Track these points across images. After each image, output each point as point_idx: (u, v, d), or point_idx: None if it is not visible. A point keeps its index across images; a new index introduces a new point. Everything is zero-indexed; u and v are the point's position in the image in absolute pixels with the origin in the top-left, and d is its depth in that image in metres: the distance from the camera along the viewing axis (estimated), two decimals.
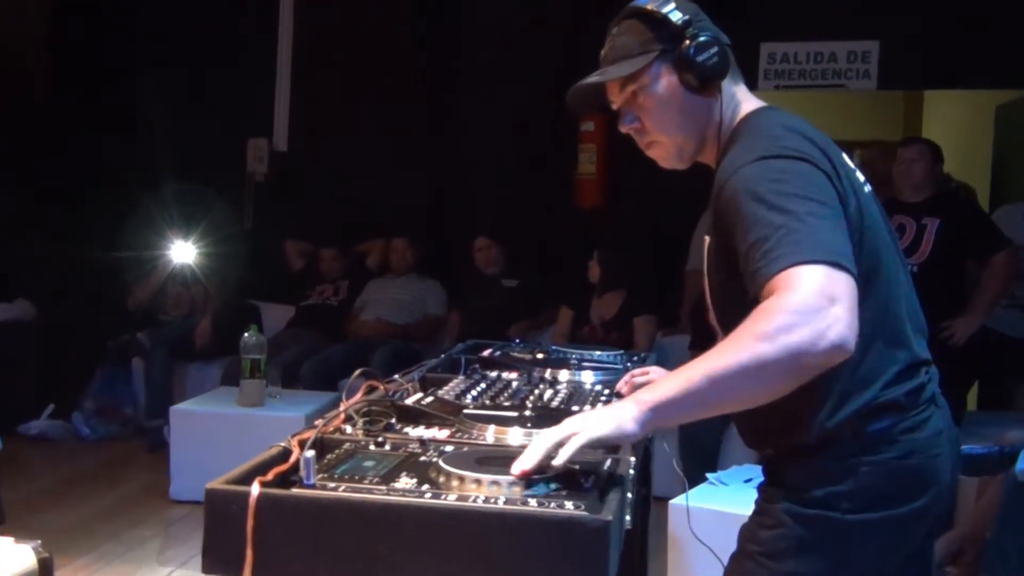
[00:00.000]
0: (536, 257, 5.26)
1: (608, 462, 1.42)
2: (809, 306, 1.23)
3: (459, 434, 1.60)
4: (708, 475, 3.01)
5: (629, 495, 1.43)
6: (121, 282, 5.31)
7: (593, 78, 1.58)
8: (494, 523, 1.18)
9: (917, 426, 1.48)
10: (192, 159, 5.37)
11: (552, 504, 1.22)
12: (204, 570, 1.20)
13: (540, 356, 2.33)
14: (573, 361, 2.29)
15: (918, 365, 1.51)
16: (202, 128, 5.49)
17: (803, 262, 1.26)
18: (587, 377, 2.11)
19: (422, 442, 1.50)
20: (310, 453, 1.25)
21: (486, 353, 2.31)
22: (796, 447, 1.50)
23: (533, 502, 1.22)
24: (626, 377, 1.94)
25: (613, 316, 4.64)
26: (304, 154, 5.79)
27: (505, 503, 1.22)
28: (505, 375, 2.15)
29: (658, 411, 1.28)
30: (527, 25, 5.28)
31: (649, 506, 2.10)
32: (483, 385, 1.95)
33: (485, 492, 1.26)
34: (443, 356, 2.26)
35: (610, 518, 1.17)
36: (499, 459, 1.38)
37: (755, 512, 1.56)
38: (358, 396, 1.73)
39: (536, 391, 1.94)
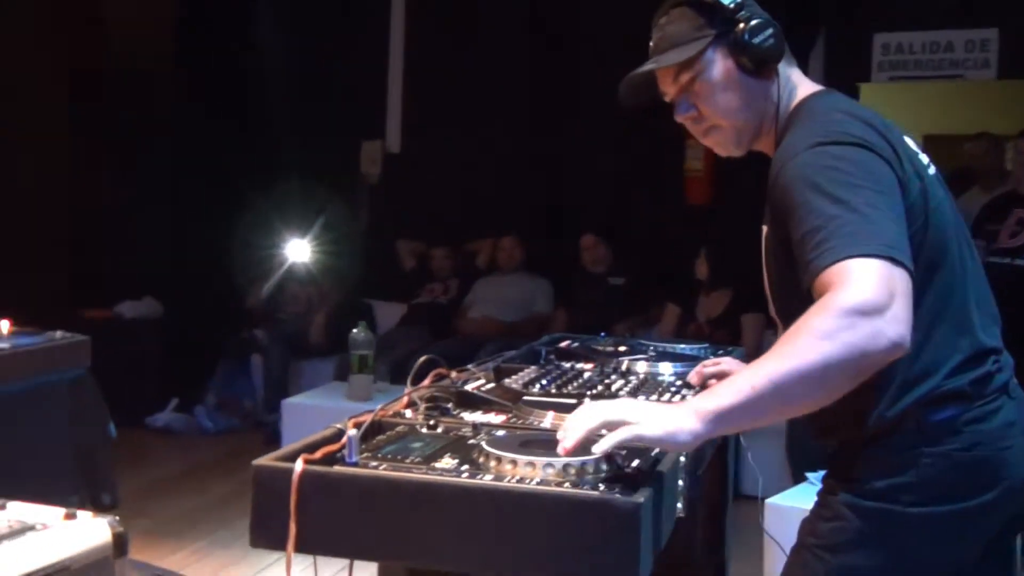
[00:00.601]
0: (643, 255, 5.24)
1: (656, 449, 1.43)
2: (869, 303, 1.21)
3: (515, 420, 1.63)
4: (808, 474, 2.96)
5: (680, 483, 1.45)
6: (241, 281, 5.56)
7: (647, 67, 1.58)
8: (526, 503, 1.21)
9: (984, 417, 1.44)
10: (307, 160, 5.58)
11: (586, 486, 1.24)
12: (252, 544, 1.27)
13: (621, 348, 2.32)
14: (652, 353, 2.28)
15: (985, 353, 1.47)
16: (317, 130, 5.69)
17: (858, 255, 1.24)
18: (664, 368, 2.10)
19: (474, 426, 1.54)
20: (354, 432, 1.31)
21: (564, 344, 2.32)
22: (858, 439, 1.48)
23: (568, 484, 1.24)
24: (697, 368, 1.93)
25: (720, 314, 4.59)
26: (416, 154, 5.94)
27: (539, 484, 1.24)
28: (580, 365, 2.15)
29: (719, 420, 1.26)
30: (640, 19, 5.25)
31: (728, 500, 2.08)
32: (554, 374, 1.95)
33: (522, 473, 1.29)
34: (524, 348, 2.28)
35: (641, 501, 1.18)
36: (544, 443, 1.40)
37: (816, 505, 1.54)
38: (426, 382, 1.78)
39: (607, 381, 1.93)
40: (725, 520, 2.05)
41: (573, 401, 1.69)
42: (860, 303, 1.21)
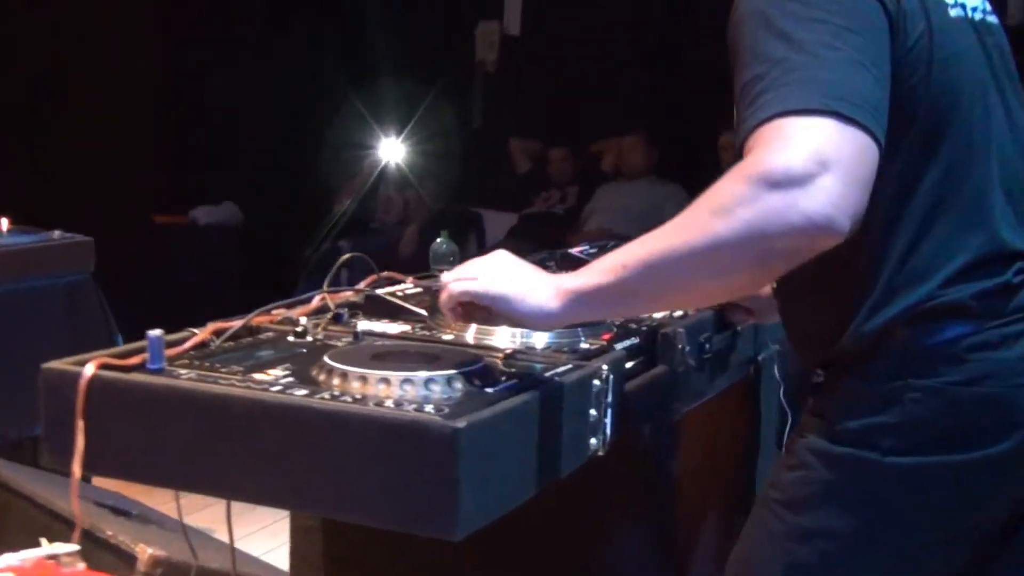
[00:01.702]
0: None
1: (565, 368, 1.36)
2: (782, 171, 1.11)
3: (424, 331, 1.56)
4: None
5: (593, 412, 1.38)
6: (329, 185, 5.66)
7: None
8: (328, 422, 1.16)
9: (998, 342, 1.28)
10: (410, 45, 5.56)
11: (410, 406, 1.16)
12: (42, 462, 1.26)
13: None
14: None
15: (1006, 258, 1.29)
16: (422, 12, 5.65)
17: (794, 111, 1.14)
18: None
19: (356, 335, 1.48)
20: (156, 332, 1.27)
21: (576, 250, 2.22)
22: (835, 364, 1.35)
23: (389, 402, 1.17)
24: None
25: None
26: (539, 39, 5.80)
27: (353, 402, 1.17)
28: None
29: (581, 303, 1.22)
30: None
31: (757, 450, 1.94)
32: None
33: (356, 389, 1.23)
34: (538, 254, 2.22)
35: (460, 426, 1.10)
36: (403, 355, 1.36)
37: (784, 450, 1.41)
38: (361, 285, 1.76)
39: None
40: (755, 474, 1.92)
41: None
42: (771, 170, 1.10)
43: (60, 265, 2.91)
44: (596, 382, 1.39)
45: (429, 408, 1.17)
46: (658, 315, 1.72)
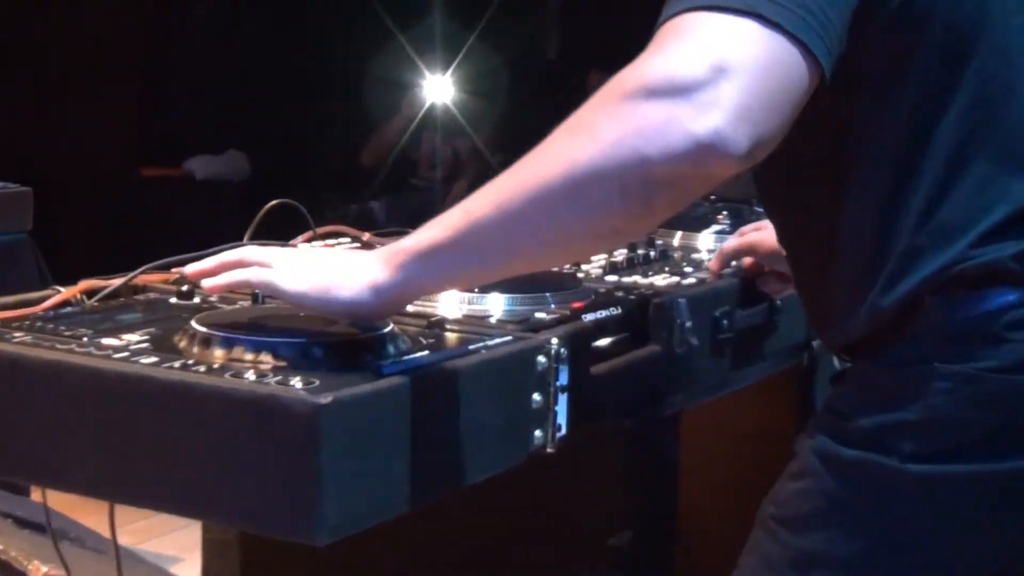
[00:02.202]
0: None
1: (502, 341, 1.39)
2: (671, 77, 1.11)
3: None
4: None
5: (537, 396, 1.39)
6: (358, 132, 5.72)
7: None
8: (170, 396, 1.19)
9: None
10: None
11: (274, 378, 1.18)
12: None
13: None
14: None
15: None
16: None
17: (709, 7, 1.15)
18: (704, 241, 2.12)
19: (255, 298, 1.51)
20: None
21: None
22: (854, 348, 1.36)
23: (250, 374, 1.19)
24: (736, 233, 1.89)
25: None
26: None
27: (206, 372, 1.20)
28: None
29: (415, 267, 1.22)
30: None
31: None
32: None
33: (217, 358, 1.27)
34: None
35: (324, 402, 1.12)
36: (291, 320, 1.38)
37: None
38: (298, 239, 1.81)
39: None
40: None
41: None
42: (650, 75, 1.11)
43: None
44: (541, 359, 1.39)
45: (295, 381, 1.18)
46: (661, 282, 1.72)
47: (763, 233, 1.79)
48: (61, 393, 1.24)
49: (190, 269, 1.34)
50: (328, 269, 1.25)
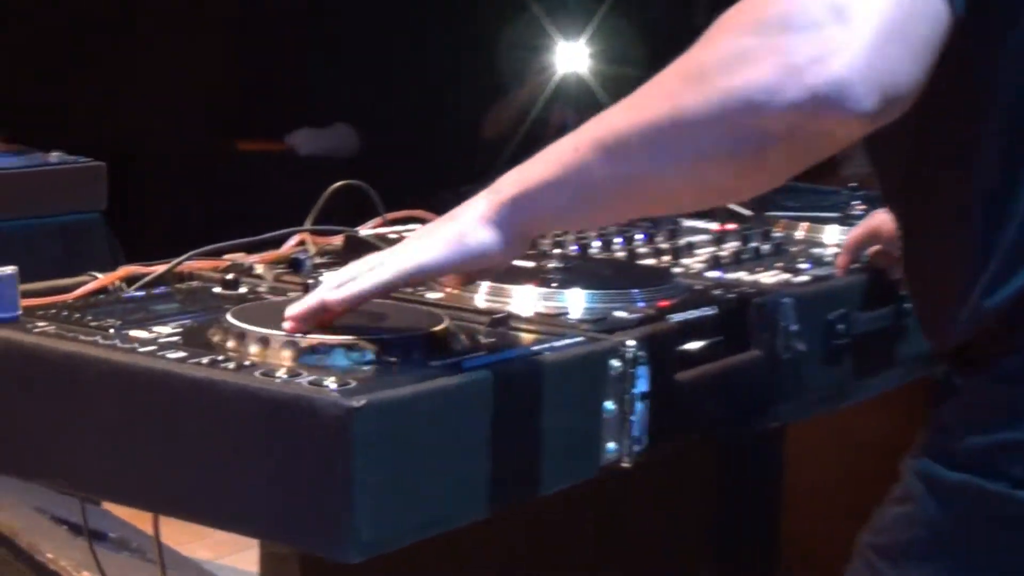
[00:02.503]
0: None
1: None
2: (786, 18, 1.12)
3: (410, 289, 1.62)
4: None
5: (610, 405, 1.40)
6: (480, 104, 5.75)
7: None
8: (193, 395, 1.24)
9: None
10: None
11: (309, 377, 1.22)
12: None
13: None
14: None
15: None
16: None
17: None
18: (831, 235, 2.10)
19: (306, 287, 1.56)
20: (7, 271, 1.38)
21: None
22: (960, 355, 1.34)
23: (282, 372, 1.23)
24: (856, 228, 1.90)
25: None
26: None
27: (235, 370, 1.25)
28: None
29: (525, 204, 1.27)
30: None
31: None
32: (640, 231, 2.06)
33: (252, 355, 1.31)
34: None
35: (358, 404, 1.14)
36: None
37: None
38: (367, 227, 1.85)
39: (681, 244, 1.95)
40: None
41: (530, 265, 1.68)
42: (763, 17, 1.12)
43: (57, 199, 3.09)
44: (615, 363, 1.40)
45: (329, 381, 1.21)
46: (767, 279, 1.72)
47: (888, 215, 1.77)
48: (78, 389, 1.29)
49: (291, 315, 1.34)
50: (446, 225, 1.32)
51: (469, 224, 1.30)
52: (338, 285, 1.35)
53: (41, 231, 3.10)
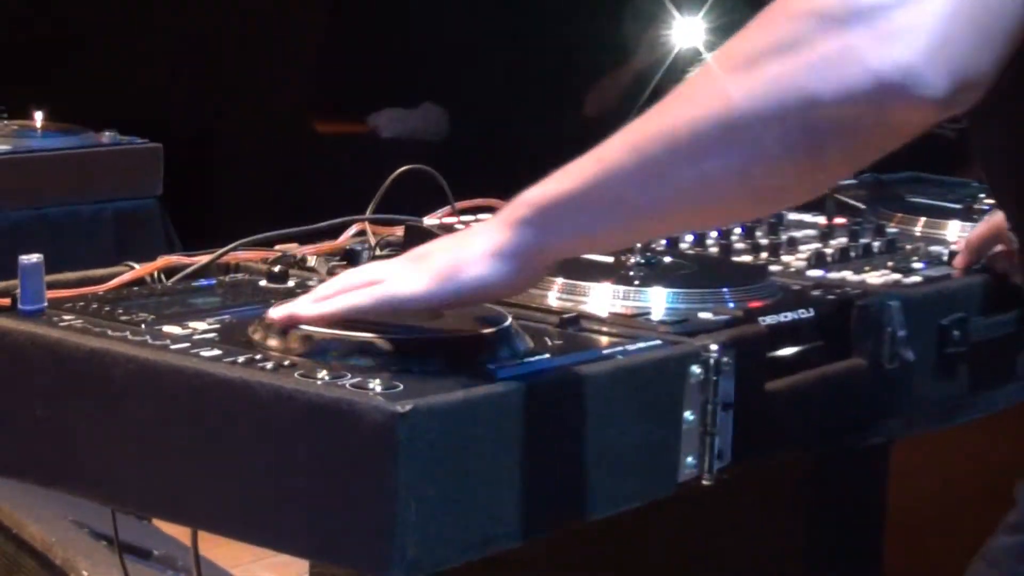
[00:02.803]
0: None
1: None
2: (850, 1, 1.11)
3: None
4: None
5: (689, 414, 1.40)
6: (582, 82, 5.74)
7: None
8: (226, 396, 1.24)
9: None
10: None
11: (354, 379, 1.23)
12: None
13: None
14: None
15: None
16: None
17: None
18: (952, 230, 2.09)
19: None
20: (31, 259, 1.40)
21: None
22: None
23: (324, 374, 1.24)
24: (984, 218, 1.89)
25: None
26: None
27: (273, 370, 1.26)
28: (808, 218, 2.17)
29: (543, 220, 1.25)
30: None
31: None
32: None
33: (293, 353, 1.32)
34: None
35: (404, 410, 1.15)
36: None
37: None
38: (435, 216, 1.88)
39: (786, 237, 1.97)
40: None
41: (608, 260, 1.68)
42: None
43: (110, 183, 3.13)
44: (696, 369, 1.40)
45: (375, 384, 1.22)
46: (875, 279, 1.71)
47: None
48: (103, 389, 1.30)
49: (275, 314, 1.37)
50: (444, 251, 1.30)
51: (469, 255, 1.28)
52: (317, 299, 1.35)
53: (91, 218, 3.15)
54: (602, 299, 1.57)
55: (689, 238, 1.94)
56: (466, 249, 1.28)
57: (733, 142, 1.14)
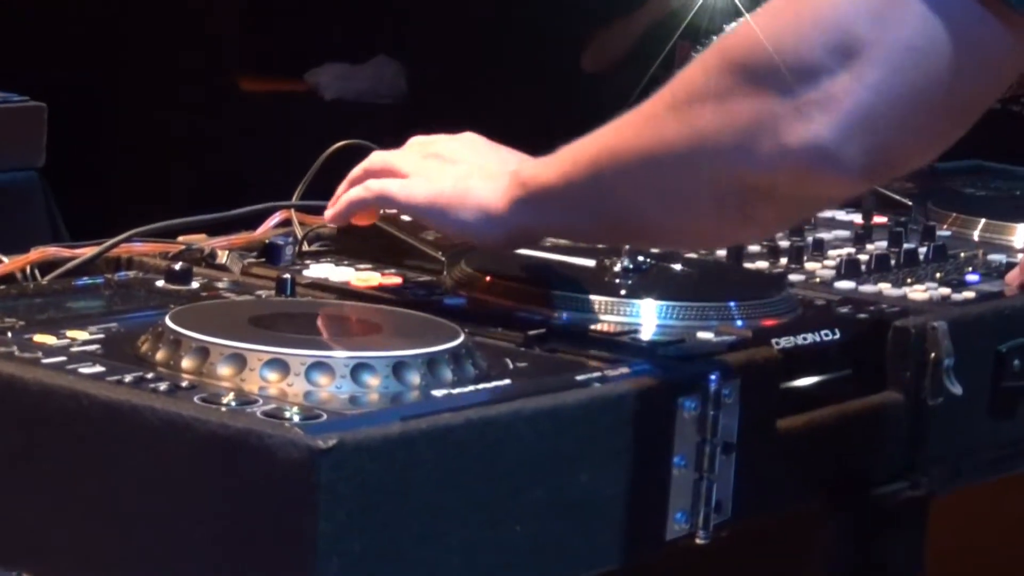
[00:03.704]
0: None
1: None
2: (782, 59, 1.24)
3: (421, 289, 1.67)
4: None
5: (679, 461, 1.42)
6: (570, 33, 5.76)
7: None
8: (114, 421, 1.26)
9: None
10: None
11: (266, 406, 1.25)
12: None
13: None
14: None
15: None
16: None
17: None
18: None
19: (280, 282, 1.58)
20: None
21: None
22: None
23: (230, 399, 1.26)
24: None
25: None
26: None
27: (164, 392, 1.27)
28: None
29: (532, 201, 1.49)
30: None
31: None
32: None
33: (188, 370, 1.34)
34: None
35: (325, 446, 1.17)
36: (322, 322, 1.47)
37: None
38: None
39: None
40: None
41: (582, 262, 1.71)
42: (759, 52, 1.24)
43: None
44: (689, 403, 1.42)
45: (292, 412, 1.24)
46: (917, 294, 1.73)
47: None
48: None
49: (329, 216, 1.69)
50: (457, 178, 1.55)
51: (469, 199, 1.53)
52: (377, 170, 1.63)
53: None
54: (580, 311, 1.58)
55: None
56: (472, 190, 1.53)
57: (663, 179, 1.36)
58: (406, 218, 1.79)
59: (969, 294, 1.77)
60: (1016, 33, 1.20)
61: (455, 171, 1.55)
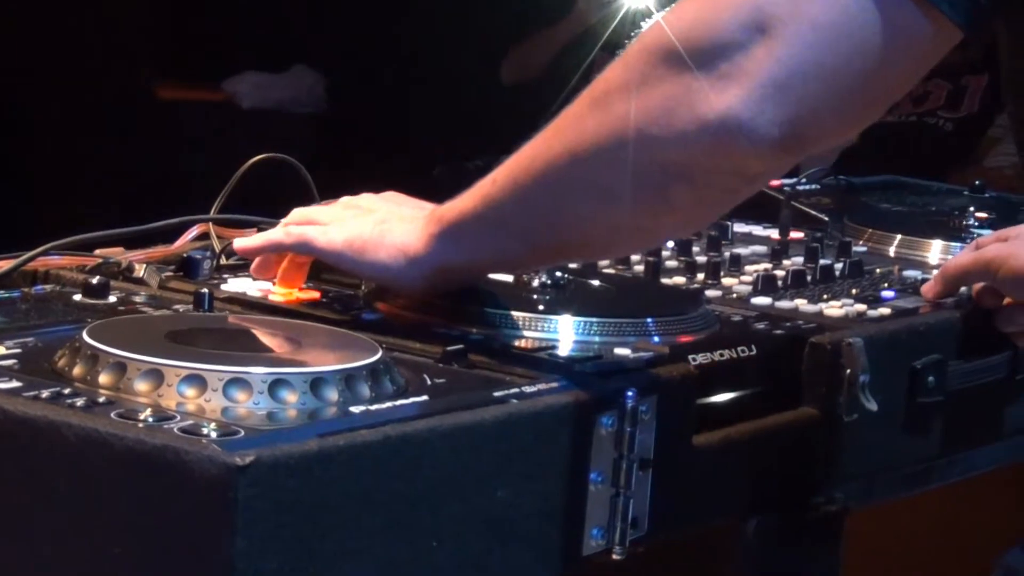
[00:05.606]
0: None
1: None
2: (699, 36, 1.30)
3: (340, 306, 1.67)
4: None
5: (596, 477, 1.43)
6: (496, 43, 5.76)
7: None
8: (30, 438, 1.26)
9: None
10: None
11: (183, 422, 1.25)
12: None
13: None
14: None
15: None
16: None
17: None
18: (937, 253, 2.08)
19: (199, 297, 1.59)
20: None
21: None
22: None
23: (147, 414, 1.26)
24: (970, 245, 1.93)
25: None
26: None
27: (84, 408, 1.28)
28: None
29: (447, 234, 1.51)
30: None
31: None
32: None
33: (105, 386, 1.35)
34: None
35: (243, 463, 1.17)
36: (238, 337, 1.48)
37: None
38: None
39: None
40: None
41: (507, 279, 1.71)
42: (677, 33, 1.30)
43: None
44: (605, 419, 1.43)
45: (210, 428, 1.24)
46: (833, 310, 1.74)
47: (1010, 246, 1.78)
48: None
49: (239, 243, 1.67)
50: (375, 222, 1.56)
51: (387, 241, 1.55)
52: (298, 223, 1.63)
53: None
54: (498, 327, 1.59)
55: None
56: (389, 232, 1.53)
57: (585, 179, 1.38)
58: None
59: (885, 310, 1.79)
60: (934, 20, 1.24)
61: (374, 217, 1.57)
